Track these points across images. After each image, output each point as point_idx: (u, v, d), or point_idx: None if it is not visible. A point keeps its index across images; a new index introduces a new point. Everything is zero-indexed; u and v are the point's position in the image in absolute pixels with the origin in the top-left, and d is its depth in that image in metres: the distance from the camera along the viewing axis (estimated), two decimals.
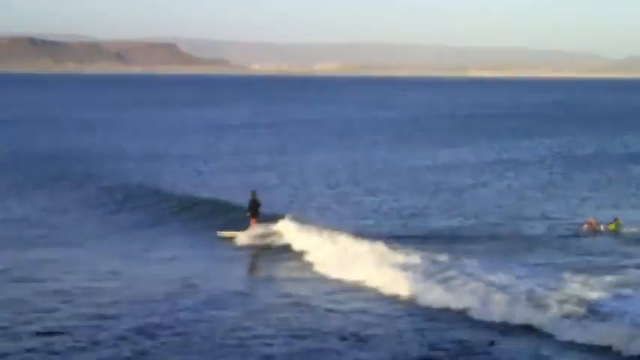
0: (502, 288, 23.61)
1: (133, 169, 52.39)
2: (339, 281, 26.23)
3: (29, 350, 18.86)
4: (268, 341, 19.86)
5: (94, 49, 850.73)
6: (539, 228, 34.85)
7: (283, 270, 28.94)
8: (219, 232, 33.91)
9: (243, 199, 35.53)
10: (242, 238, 32.77)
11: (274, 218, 33.26)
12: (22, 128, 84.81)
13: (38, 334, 19.96)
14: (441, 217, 37.39)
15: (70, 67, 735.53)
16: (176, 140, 72.94)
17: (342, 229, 31.64)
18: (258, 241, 32.40)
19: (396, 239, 30.61)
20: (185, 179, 48.68)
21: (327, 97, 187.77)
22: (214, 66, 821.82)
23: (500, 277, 24.74)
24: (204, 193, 42.35)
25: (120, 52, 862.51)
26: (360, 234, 30.79)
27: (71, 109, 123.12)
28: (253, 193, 34.07)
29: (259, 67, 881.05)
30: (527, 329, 20.93)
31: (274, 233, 32.56)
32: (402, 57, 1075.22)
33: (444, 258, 27.43)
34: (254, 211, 33.54)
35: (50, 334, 19.99)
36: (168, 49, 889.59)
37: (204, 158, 59.84)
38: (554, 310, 21.50)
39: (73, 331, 20.24)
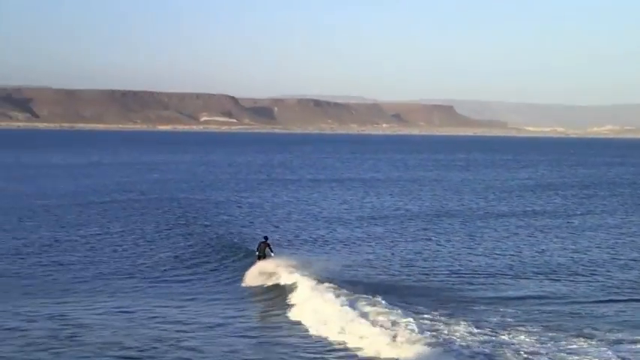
0: None
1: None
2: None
3: None
4: None
5: (374, 111, 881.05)
6: None
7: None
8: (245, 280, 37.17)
9: None
10: (247, 279, 36.55)
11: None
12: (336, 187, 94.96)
13: None
14: None
15: (353, 128, 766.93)
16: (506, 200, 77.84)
17: None
18: (261, 281, 36.07)
19: None
20: None
21: (611, 160, 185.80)
22: (490, 128, 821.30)
23: None
24: None
25: (399, 113, 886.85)
26: None
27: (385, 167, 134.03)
28: (265, 238, 38.46)
29: (534, 128, 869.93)
30: None
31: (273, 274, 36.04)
32: None
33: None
34: (262, 254, 37.57)
35: None
36: (445, 111, 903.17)
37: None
38: None
39: None
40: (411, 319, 27.45)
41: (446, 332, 26.44)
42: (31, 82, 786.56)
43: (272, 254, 37.82)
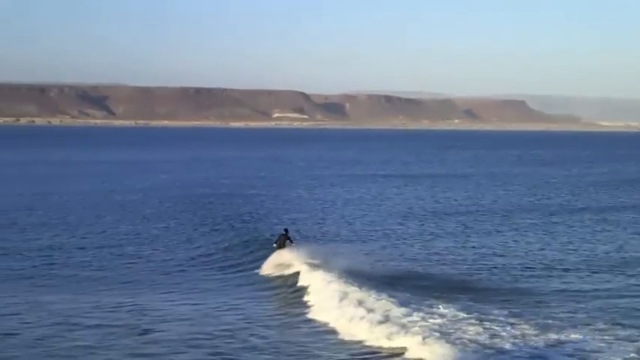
0: None
1: None
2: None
3: None
4: None
5: (446, 106, 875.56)
6: None
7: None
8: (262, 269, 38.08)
9: None
10: (265, 267, 37.53)
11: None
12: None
13: None
14: None
15: (424, 124, 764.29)
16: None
17: None
18: (278, 271, 36.60)
19: None
20: None
21: None
22: (564, 123, 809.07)
23: None
24: None
25: (471, 108, 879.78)
26: None
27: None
28: (286, 231, 38.99)
29: (609, 123, 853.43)
30: None
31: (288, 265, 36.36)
32: None
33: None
34: (282, 246, 38.04)
35: None
36: (518, 106, 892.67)
37: None
38: None
39: None
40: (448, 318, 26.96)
41: (506, 331, 25.85)
42: (107, 80, 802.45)
43: (292, 245, 38.31)
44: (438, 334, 24.55)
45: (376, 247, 45.16)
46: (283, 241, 38.41)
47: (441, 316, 27.33)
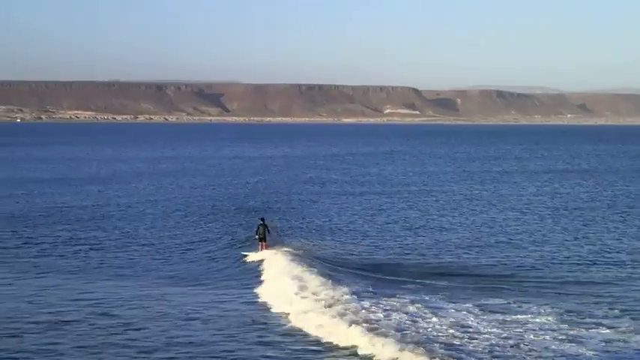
0: None
1: None
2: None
3: None
4: None
5: (559, 101, 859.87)
6: None
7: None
8: (243, 252, 40.42)
9: None
10: (252, 257, 39.09)
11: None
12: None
13: None
14: None
15: (536, 119, 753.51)
16: None
17: None
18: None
19: None
20: None
21: None
22: None
23: None
24: None
25: (584, 103, 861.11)
26: None
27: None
28: (262, 220, 40.62)
29: None
30: None
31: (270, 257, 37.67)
32: None
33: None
34: (262, 236, 39.72)
35: None
36: (633, 100, 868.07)
37: None
38: None
39: None
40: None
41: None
42: (222, 77, 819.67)
43: (269, 234, 40.27)
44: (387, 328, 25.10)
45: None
46: (263, 230, 39.93)
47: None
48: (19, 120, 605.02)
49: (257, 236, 40.15)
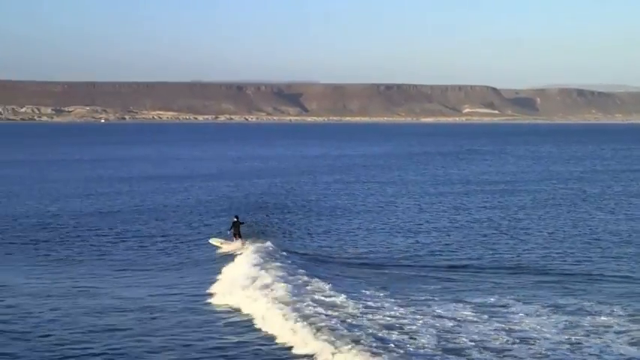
0: None
1: None
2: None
3: None
4: None
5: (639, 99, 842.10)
6: None
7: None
8: (210, 239, 42.88)
9: None
10: (225, 249, 41.27)
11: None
12: None
13: None
14: None
15: (617, 118, 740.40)
16: None
17: None
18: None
19: None
20: None
21: None
22: None
23: None
24: None
25: None
26: None
27: None
28: (236, 217, 43.08)
29: None
30: None
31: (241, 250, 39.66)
32: None
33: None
34: (236, 230, 42.07)
35: None
36: None
37: None
38: None
39: None
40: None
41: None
42: (301, 78, 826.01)
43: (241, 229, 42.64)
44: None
45: None
46: (237, 227, 42.46)
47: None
48: (102, 120, 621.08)
49: (229, 231, 42.82)
